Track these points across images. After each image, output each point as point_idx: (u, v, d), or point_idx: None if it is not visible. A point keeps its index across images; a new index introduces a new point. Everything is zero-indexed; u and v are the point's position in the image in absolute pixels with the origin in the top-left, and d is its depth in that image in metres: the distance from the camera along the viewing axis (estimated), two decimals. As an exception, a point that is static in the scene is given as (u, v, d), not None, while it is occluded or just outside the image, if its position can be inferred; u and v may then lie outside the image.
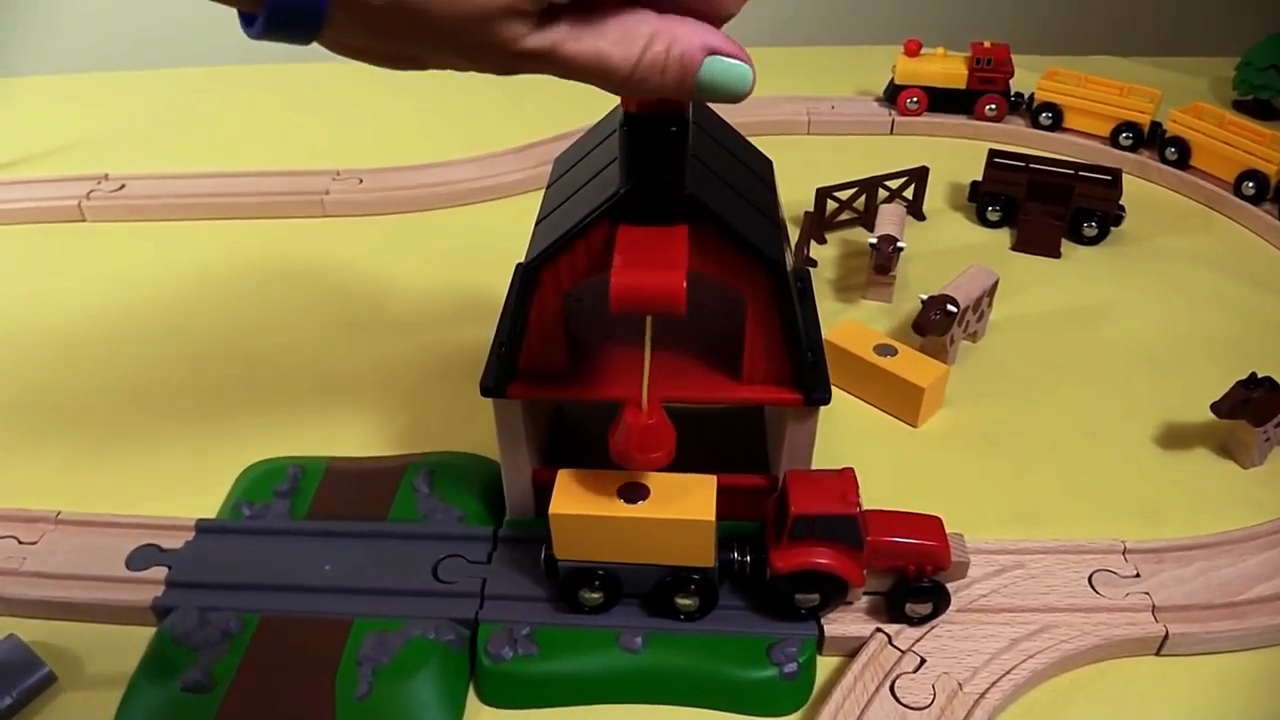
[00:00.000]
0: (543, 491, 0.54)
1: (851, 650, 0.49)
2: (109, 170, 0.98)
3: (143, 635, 0.51)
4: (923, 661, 0.48)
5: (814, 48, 1.33)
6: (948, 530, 0.49)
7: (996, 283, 0.72)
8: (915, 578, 0.48)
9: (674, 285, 0.39)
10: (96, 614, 0.52)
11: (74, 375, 0.72)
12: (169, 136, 1.11)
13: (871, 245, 0.76)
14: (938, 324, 0.67)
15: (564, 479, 0.47)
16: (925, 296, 0.68)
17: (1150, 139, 0.99)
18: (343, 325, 0.77)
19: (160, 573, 0.53)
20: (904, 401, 0.65)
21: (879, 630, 0.49)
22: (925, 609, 0.49)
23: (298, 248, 0.88)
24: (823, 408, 0.49)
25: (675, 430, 0.44)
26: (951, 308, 0.66)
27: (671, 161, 0.41)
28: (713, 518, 0.45)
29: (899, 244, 0.75)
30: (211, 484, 0.61)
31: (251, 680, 0.47)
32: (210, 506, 0.59)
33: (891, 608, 0.49)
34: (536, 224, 0.48)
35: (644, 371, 0.43)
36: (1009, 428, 0.66)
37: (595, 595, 0.49)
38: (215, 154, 1.05)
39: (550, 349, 0.48)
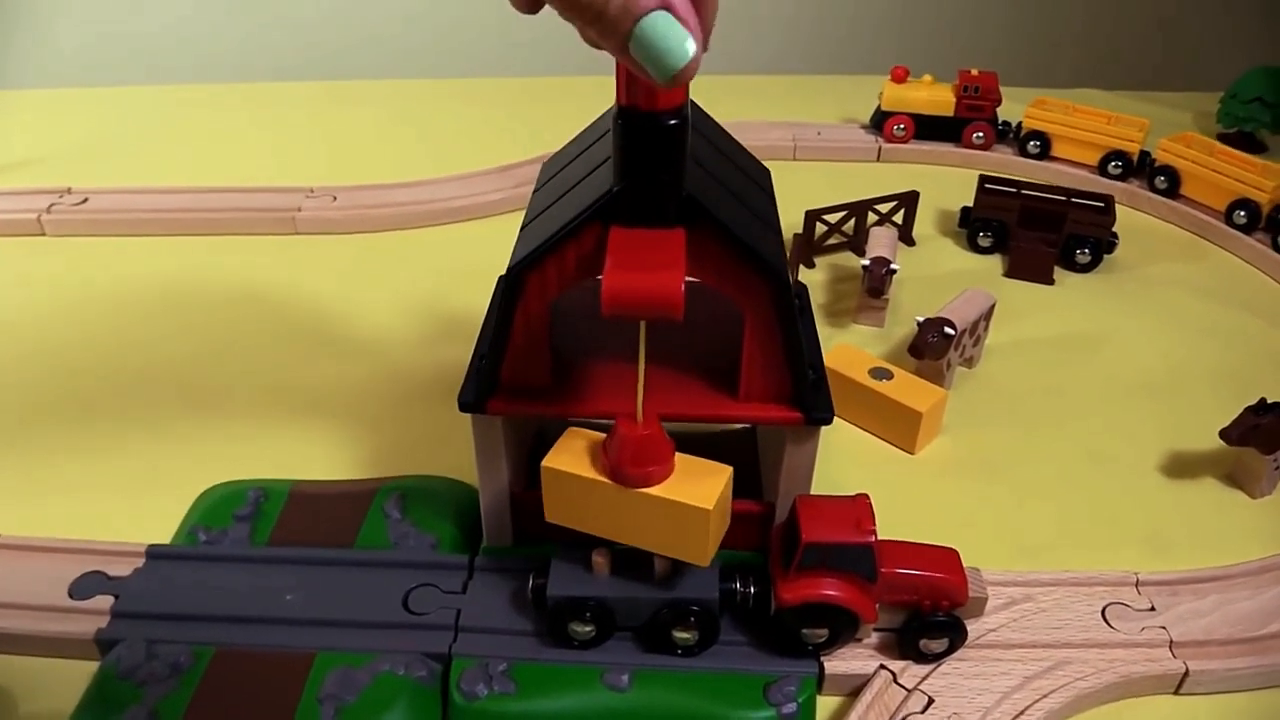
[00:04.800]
0: (523, 515, 0.51)
1: (854, 689, 0.46)
2: (73, 184, 0.94)
3: (85, 670, 0.47)
4: (930, 701, 0.44)
5: (799, 76, 1.32)
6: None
7: (993, 306, 0.70)
8: (930, 612, 0.45)
9: (671, 287, 0.36)
10: (36, 646, 0.48)
11: (24, 392, 0.68)
12: (140, 153, 1.07)
13: (864, 268, 0.73)
14: (935, 347, 0.64)
15: (570, 435, 0.43)
16: (921, 319, 0.65)
17: (1139, 168, 0.98)
18: (314, 345, 0.74)
19: (106, 602, 0.49)
20: (901, 427, 0.63)
21: (883, 667, 0.46)
22: (940, 645, 0.45)
23: (268, 265, 0.85)
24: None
25: (674, 443, 0.41)
26: (949, 330, 0.64)
27: (669, 159, 0.38)
28: (711, 507, 0.41)
29: (892, 266, 0.73)
30: (169, 508, 0.57)
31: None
32: (166, 532, 0.55)
33: (904, 644, 0.46)
34: (522, 228, 0.46)
35: (639, 380, 0.40)
36: (1009, 456, 0.63)
37: (586, 628, 0.46)
38: (187, 172, 1.01)
39: (534, 362, 0.45)
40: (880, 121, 1.06)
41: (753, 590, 0.46)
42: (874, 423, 0.64)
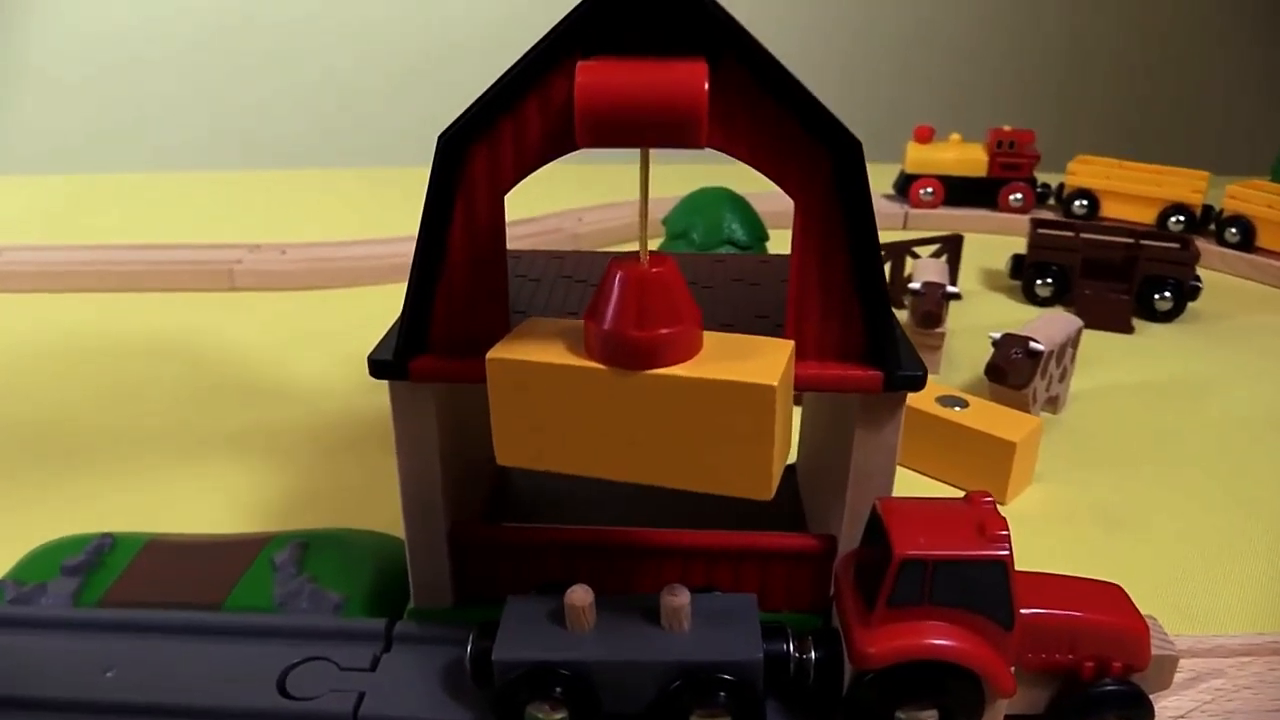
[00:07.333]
0: (466, 559, 0.35)
1: (980, 812, 0.29)
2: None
3: None
4: (1111, 829, 0.28)
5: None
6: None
7: (1080, 331, 0.56)
8: (1095, 680, 0.29)
9: (690, 77, 0.22)
10: None
11: None
12: (80, 229, 0.95)
13: (913, 292, 0.60)
14: (1019, 366, 0.50)
15: (528, 325, 0.28)
16: (998, 334, 0.51)
17: (1204, 221, 0.86)
18: (234, 398, 0.60)
19: None
20: (986, 468, 0.47)
21: (1024, 775, 0.29)
22: (1115, 735, 0.29)
23: (195, 320, 0.71)
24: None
25: (699, 309, 0.26)
26: (1036, 345, 0.50)
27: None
28: (775, 383, 0.25)
29: (949, 289, 0.59)
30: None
31: None
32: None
33: (1058, 731, 0.29)
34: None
35: (642, 206, 0.25)
36: (1128, 504, 0.48)
37: (556, 715, 0.29)
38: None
39: (481, 298, 0.30)
40: (905, 186, 0.96)
41: (814, 655, 0.30)
42: (948, 466, 0.49)
